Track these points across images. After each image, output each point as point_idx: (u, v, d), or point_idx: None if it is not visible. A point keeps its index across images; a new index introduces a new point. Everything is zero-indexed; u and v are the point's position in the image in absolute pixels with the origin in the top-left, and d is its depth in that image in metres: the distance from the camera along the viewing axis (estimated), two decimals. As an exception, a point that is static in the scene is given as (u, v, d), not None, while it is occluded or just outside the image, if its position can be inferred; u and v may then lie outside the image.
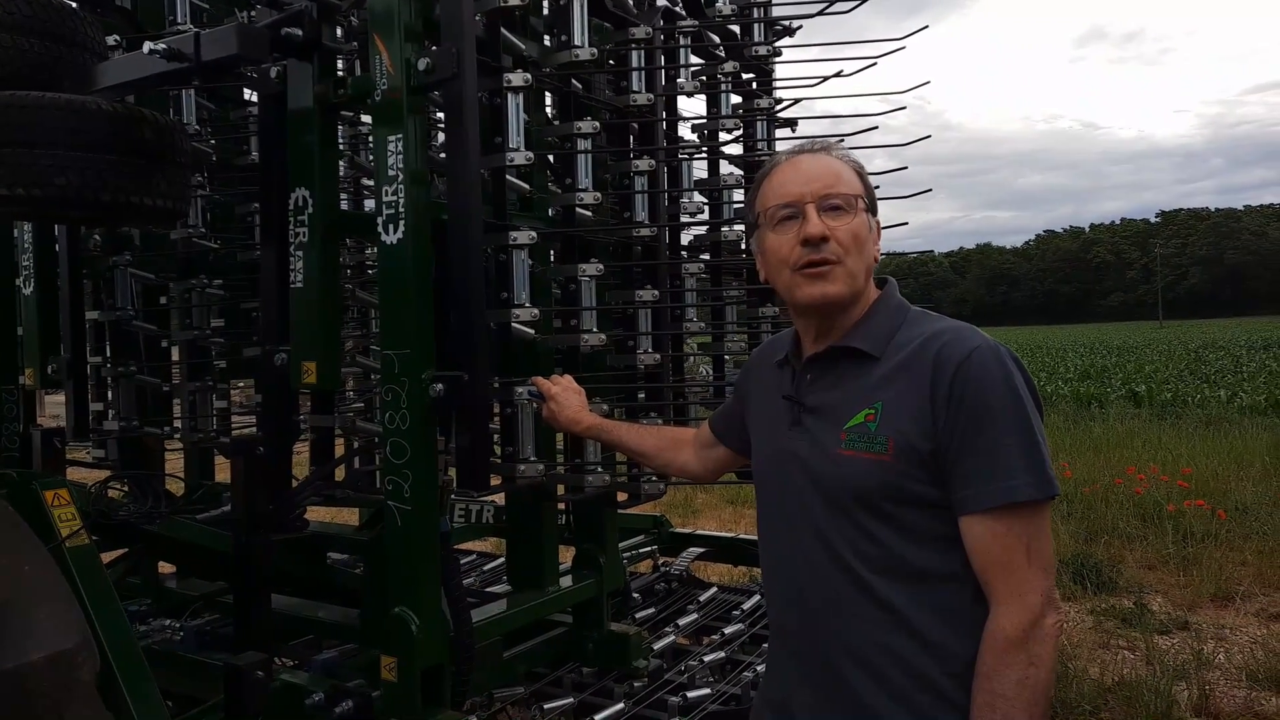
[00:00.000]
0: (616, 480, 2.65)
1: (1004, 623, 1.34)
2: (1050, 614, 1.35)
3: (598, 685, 2.70)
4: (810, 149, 1.57)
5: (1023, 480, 1.34)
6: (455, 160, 2.07)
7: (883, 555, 1.41)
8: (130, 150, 2.17)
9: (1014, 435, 1.35)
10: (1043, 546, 1.37)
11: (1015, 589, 1.34)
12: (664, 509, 4.30)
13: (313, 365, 2.21)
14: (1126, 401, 16.36)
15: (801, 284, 1.49)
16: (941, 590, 1.40)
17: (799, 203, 1.49)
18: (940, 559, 1.40)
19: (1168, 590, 5.67)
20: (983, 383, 1.37)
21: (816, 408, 1.52)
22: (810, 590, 1.49)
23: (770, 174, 1.57)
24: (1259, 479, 8.38)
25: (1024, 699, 1.32)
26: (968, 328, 1.46)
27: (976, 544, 1.37)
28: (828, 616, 1.46)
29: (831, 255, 1.47)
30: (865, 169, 1.56)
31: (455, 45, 1.99)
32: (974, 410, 1.36)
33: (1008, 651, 1.33)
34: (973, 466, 1.36)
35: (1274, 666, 4.32)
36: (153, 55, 1.98)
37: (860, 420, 1.44)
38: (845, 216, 1.48)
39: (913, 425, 1.39)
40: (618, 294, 2.72)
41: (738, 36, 3.12)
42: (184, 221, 2.99)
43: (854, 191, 1.50)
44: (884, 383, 1.44)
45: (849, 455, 1.43)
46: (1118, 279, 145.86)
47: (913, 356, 1.43)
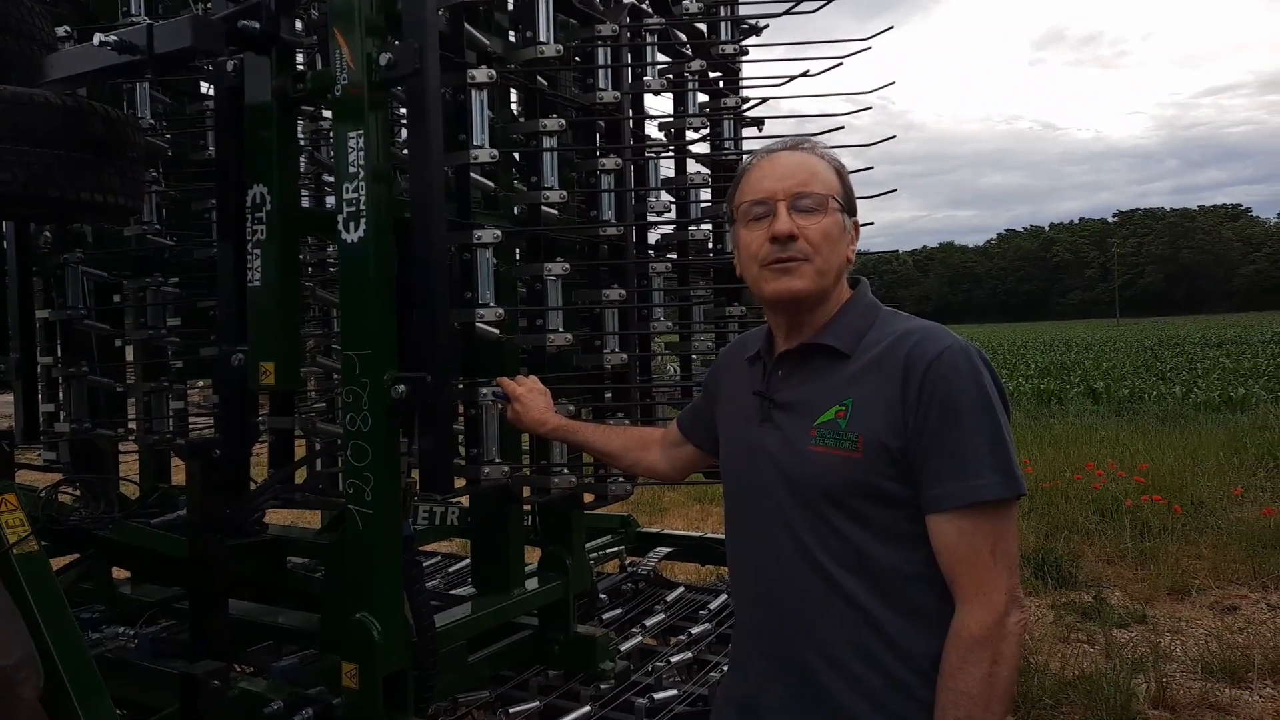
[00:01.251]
0: (583, 481, 2.62)
1: (969, 621, 1.36)
2: (1014, 612, 1.36)
3: (564, 688, 2.69)
4: (791, 146, 1.57)
5: (990, 480, 1.35)
6: (418, 157, 2.03)
7: (850, 552, 1.42)
8: (79, 145, 2.10)
9: (982, 435, 1.37)
10: (1008, 545, 1.38)
11: (981, 587, 1.36)
12: (631, 508, 4.28)
13: (271, 366, 2.16)
14: (1085, 398, 16.66)
15: (768, 279, 1.51)
16: (907, 588, 1.41)
17: (771, 199, 1.50)
18: (906, 557, 1.41)
19: (1126, 584, 5.78)
20: (952, 382, 1.38)
21: (787, 404, 1.52)
22: (779, 587, 1.49)
23: (749, 169, 1.58)
24: (1213, 474, 8.58)
25: (987, 696, 1.33)
26: (939, 328, 1.47)
27: (943, 542, 1.38)
28: (797, 613, 1.47)
29: (799, 253, 1.48)
30: (845, 168, 1.56)
31: (417, 40, 1.95)
32: (943, 409, 1.37)
33: (972, 649, 1.35)
34: (941, 465, 1.37)
35: (1228, 658, 4.41)
36: (103, 47, 1.91)
37: (831, 417, 1.44)
38: (816, 216, 1.48)
39: (883, 423, 1.40)
40: (584, 293, 2.70)
41: (704, 35, 3.11)
42: (138, 218, 2.91)
43: (827, 191, 1.50)
44: (855, 380, 1.45)
45: (819, 451, 1.44)
46: (1077, 277, 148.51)
47: (884, 355, 1.44)
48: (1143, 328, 70.23)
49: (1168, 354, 30.18)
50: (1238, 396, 14.98)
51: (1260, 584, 5.70)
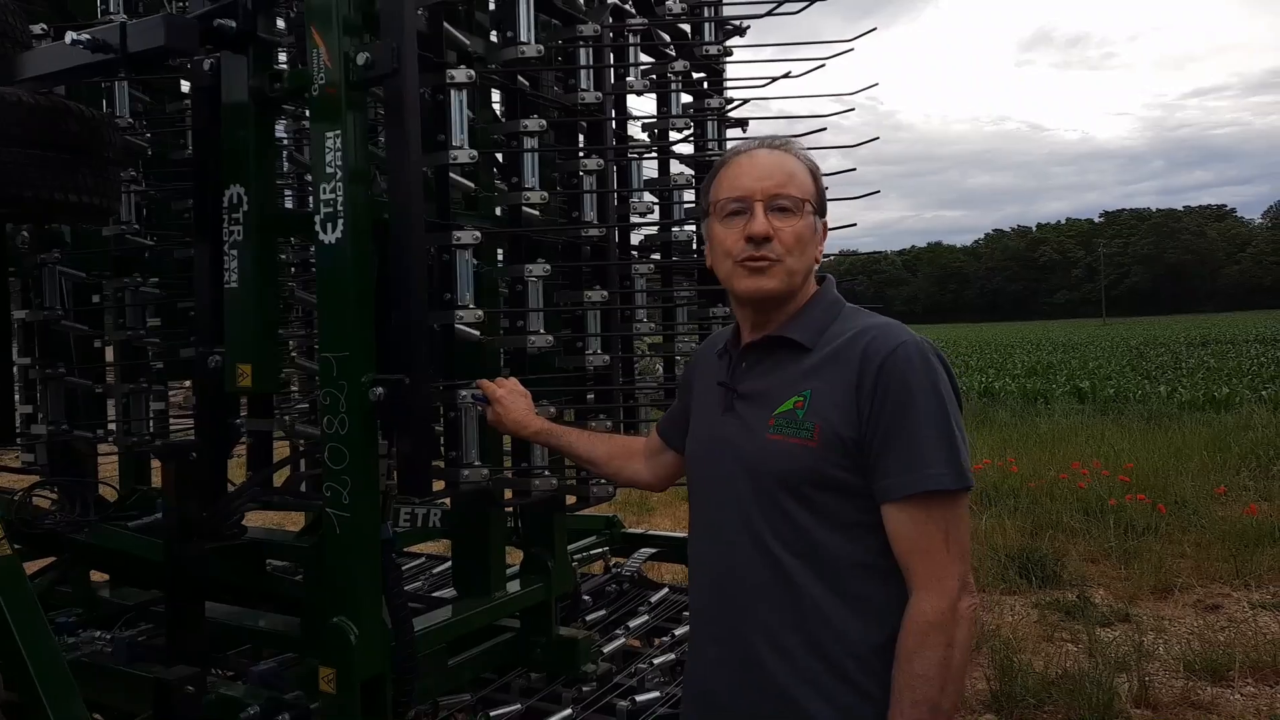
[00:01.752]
0: (564, 484, 2.61)
1: (924, 606, 1.41)
2: (966, 598, 1.42)
3: (546, 690, 2.67)
4: (770, 145, 1.61)
5: (940, 471, 1.41)
6: (396, 158, 2.01)
7: (801, 540, 1.47)
8: (54, 145, 2.08)
9: (933, 428, 1.42)
10: (960, 534, 1.44)
11: (934, 574, 1.41)
12: (618, 508, 4.28)
13: (248, 368, 2.14)
14: (1071, 397, 16.75)
15: (740, 276, 1.55)
16: (855, 577, 1.46)
17: (748, 199, 1.53)
18: (856, 546, 1.46)
19: (1109, 583, 5.81)
20: (906, 377, 1.43)
21: (749, 394, 1.57)
22: (732, 573, 1.54)
23: (727, 164, 1.61)
24: (1197, 473, 8.64)
25: (942, 679, 1.39)
26: (896, 324, 1.53)
27: (897, 531, 1.43)
28: (747, 599, 1.51)
29: (772, 254, 1.52)
30: (820, 170, 1.61)
31: (395, 40, 1.94)
32: (896, 402, 1.42)
33: (927, 634, 1.40)
34: (894, 457, 1.42)
35: (1210, 657, 4.45)
36: (76, 46, 1.89)
37: (789, 407, 1.50)
38: (791, 218, 1.53)
39: (838, 414, 1.45)
40: (566, 295, 2.69)
41: (688, 35, 3.10)
42: (117, 218, 2.88)
43: (803, 194, 1.54)
44: (814, 372, 1.51)
45: (776, 440, 1.49)
46: (1063, 277, 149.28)
47: (842, 349, 1.50)
48: (1129, 327, 70.68)
49: (1153, 353, 30.39)
50: (1222, 396, 15.09)
51: (1243, 582, 5.75)
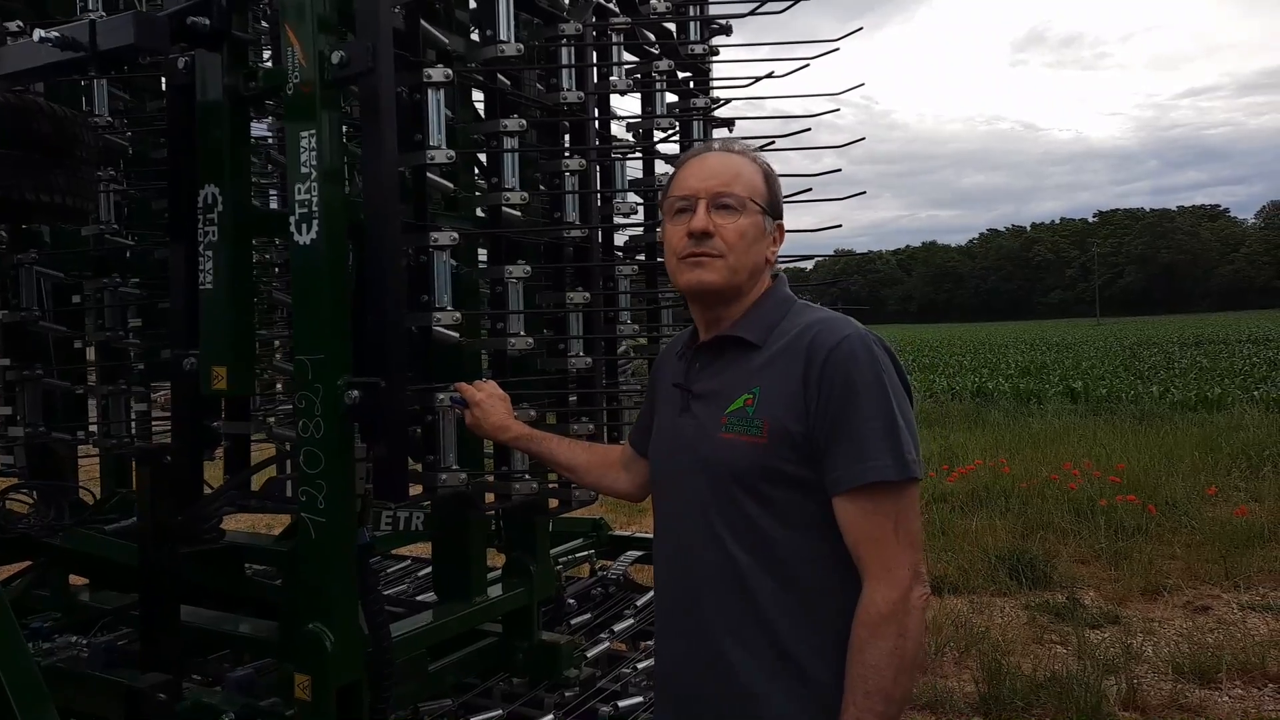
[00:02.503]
0: (545, 487, 2.59)
1: (876, 597, 1.42)
2: (917, 587, 1.43)
3: (528, 696, 2.65)
4: (721, 147, 1.65)
5: (884, 461, 1.42)
6: (372, 158, 1.98)
7: (755, 535, 1.49)
8: (25, 144, 2.04)
9: (878, 419, 1.43)
10: (909, 524, 1.45)
11: (885, 564, 1.42)
12: (608, 509, 4.26)
13: (223, 370, 2.11)
14: (1064, 398, 16.77)
15: (682, 270, 1.59)
16: (808, 569, 1.48)
17: (693, 197, 1.58)
18: (808, 539, 1.48)
19: (1099, 585, 5.80)
20: (850, 370, 1.45)
21: (703, 394, 1.60)
22: (692, 571, 1.56)
23: (679, 168, 1.65)
24: (1188, 474, 8.64)
25: (893, 668, 1.40)
26: (842, 318, 1.55)
27: (848, 521, 1.45)
28: (708, 595, 1.53)
29: (713, 250, 1.56)
30: (774, 172, 1.64)
31: (371, 38, 1.91)
32: (842, 395, 1.44)
33: (879, 625, 1.41)
34: (840, 450, 1.44)
35: (1198, 659, 4.44)
36: (45, 44, 1.86)
37: (740, 405, 1.52)
38: (733, 215, 1.56)
39: (786, 409, 1.47)
40: (548, 296, 2.66)
41: (673, 34, 3.08)
42: (96, 217, 2.85)
43: (748, 193, 1.57)
44: (762, 369, 1.53)
45: (729, 439, 1.51)
46: (1057, 277, 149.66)
47: (789, 345, 1.52)
48: (1122, 327, 70.90)
49: (1146, 354, 30.47)
50: (1214, 396, 15.13)
51: (1232, 584, 5.75)
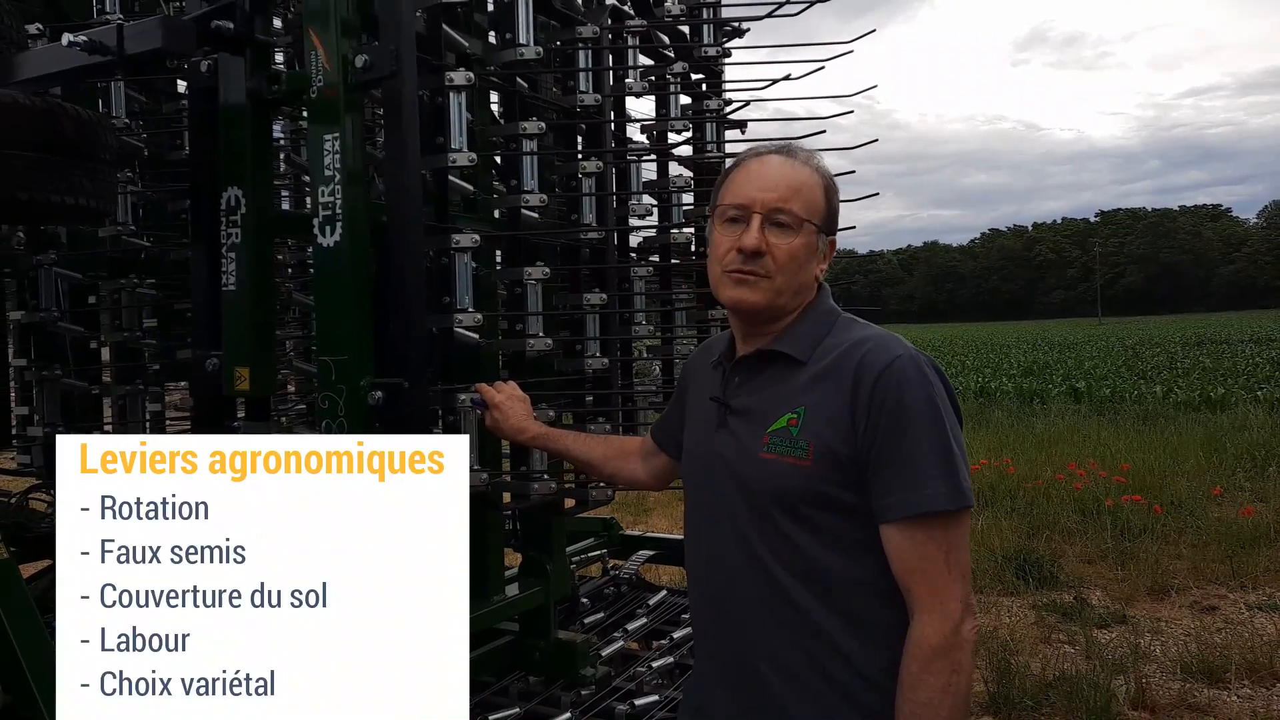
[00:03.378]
0: (563, 487, 2.61)
1: (927, 631, 1.37)
2: (969, 620, 1.38)
3: (545, 694, 2.66)
4: (787, 152, 1.54)
5: (938, 490, 1.36)
6: (395, 161, 2.01)
7: (798, 559, 1.43)
8: (49, 146, 2.06)
9: (930, 445, 1.37)
10: (960, 555, 1.40)
11: (936, 596, 1.37)
12: (616, 508, 4.26)
13: (245, 371, 2.13)
14: (1067, 397, 16.76)
15: (725, 285, 1.52)
16: (856, 596, 1.42)
17: (748, 208, 1.49)
18: (855, 564, 1.42)
19: (1106, 584, 5.81)
20: (902, 392, 1.39)
21: (742, 410, 1.53)
22: (729, 592, 1.51)
23: (738, 167, 1.56)
24: (1192, 474, 8.65)
25: (948, 705, 1.35)
26: (891, 337, 1.48)
27: (896, 552, 1.39)
28: (745, 618, 1.48)
29: (761, 269, 1.47)
30: (835, 184, 1.55)
31: (394, 42, 1.93)
32: (893, 419, 1.38)
33: (931, 660, 1.36)
34: (892, 475, 1.38)
35: (1206, 659, 4.45)
36: (72, 48, 1.88)
37: (783, 424, 1.45)
38: (788, 235, 1.47)
39: (833, 431, 1.41)
40: (565, 297, 2.68)
41: (687, 37, 3.10)
42: (113, 219, 2.87)
43: (807, 212, 1.48)
44: (808, 388, 1.46)
45: (771, 459, 1.45)
46: (1059, 277, 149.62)
47: (836, 363, 1.45)
48: (1124, 327, 70.86)
49: (1148, 353, 30.44)
50: (1217, 396, 15.11)
51: (1239, 584, 5.76)
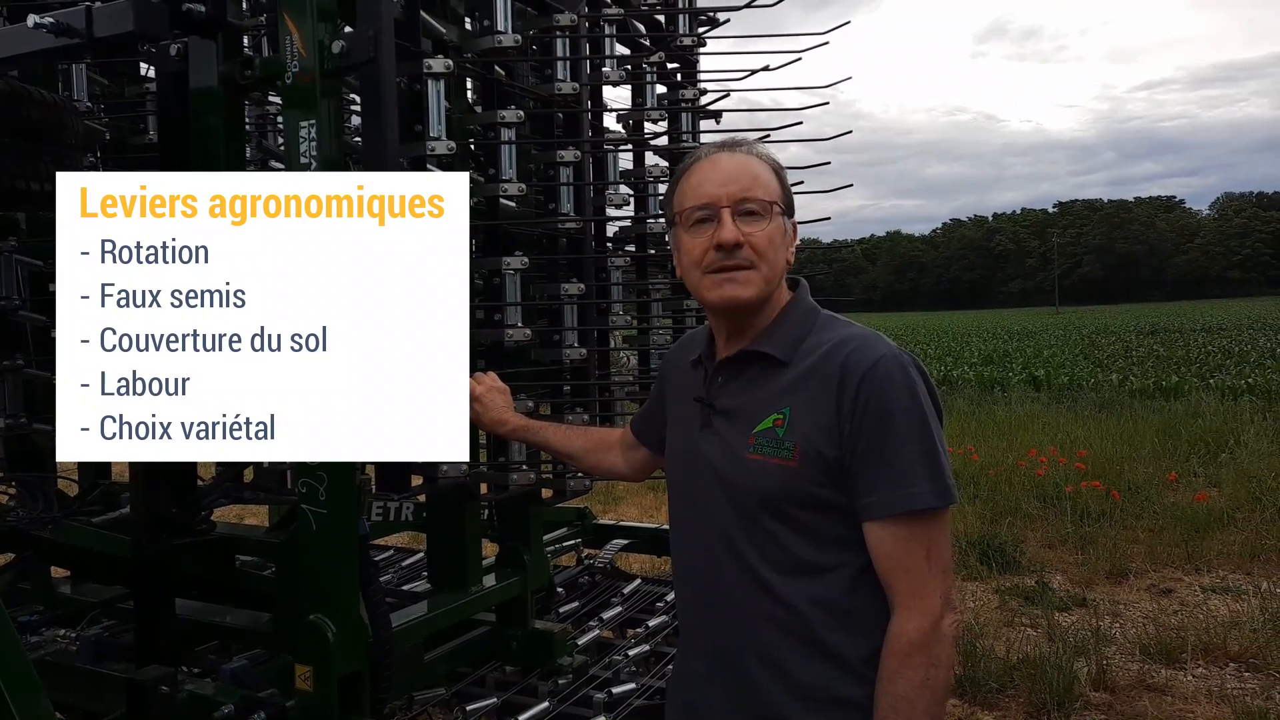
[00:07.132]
0: (541, 478, 2.60)
1: (906, 626, 1.38)
2: (949, 615, 1.40)
3: (522, 684, 2.67)
4: (730, 147, 1.54)
5: (923, 488, 1.38)
6: (373, 149, 1.97)
7: (785, 557, 1.44)
8: (13, 131, 2.01)
9: (915, 444, 1.39)
10: (942, 551, 1.42)
11: (917, 592, 1.39)
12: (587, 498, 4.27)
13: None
14: (1027, 385, 17.06)
15: (711, 286, 1.50)
16: (841, 593, 1.44)
17: (714, 205, 1.48)
18: (841, 562, 1.44)
19: (1067, 568, 5.95)
20: (886, 391, 1.40)
21: (726, 411, 1.53)
22: (716, 591, 1.51)
23: (689, 171, 1.55)
24: (1148, 460, 8.86)
25: (925, 699, 1.37)
26: (874, 335, 1.48)
27: (879, 549, 1.41)
28: (733, 617, 1.49)
29: (744, 261, 1.47)
30: (783, 167, 1.55)
31: (372, 27, 1.90)
32: (878, 418, 1.39)
33: (910, 654, 1.38)
34: (876, 474, 1.39)
35: (1163, 640, 4.57)
36: (39, 30, 1.83)
37: (768, 425, 1.45)
38: (760, 222, 1.48)
39: (818, 432, 1.42)
40: (543, 287, 2.67)
41: (663, 27, 3.09)
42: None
43: (770, 196, 1.49)
44: (792, 388, 1.46)
45: (756, 460, 1.45)
46: (1018, 266, 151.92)
47: (820, 363, 1.45)
48: (1081, 316, 72.19)
49: (1105, 342, 31.08)
50: (1171, 384, 15.48)
51: (1194, 567, 5.92)
